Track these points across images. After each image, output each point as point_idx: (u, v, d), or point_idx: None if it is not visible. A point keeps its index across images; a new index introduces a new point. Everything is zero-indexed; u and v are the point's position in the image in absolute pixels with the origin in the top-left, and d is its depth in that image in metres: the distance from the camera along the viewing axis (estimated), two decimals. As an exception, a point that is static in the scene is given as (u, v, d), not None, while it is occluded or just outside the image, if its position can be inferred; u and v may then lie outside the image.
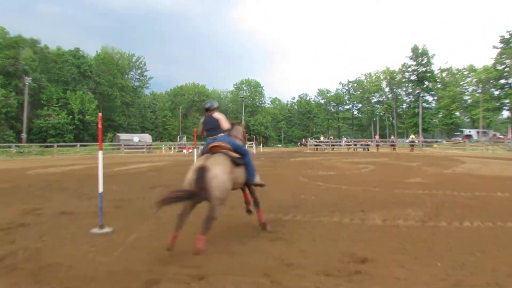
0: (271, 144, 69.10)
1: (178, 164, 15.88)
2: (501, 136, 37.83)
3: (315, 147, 33.94)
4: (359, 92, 67.43)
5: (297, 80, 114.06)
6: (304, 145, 40.58)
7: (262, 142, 28.68)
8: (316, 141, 36.52)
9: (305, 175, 9.68)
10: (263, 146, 38.55)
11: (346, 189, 6.99)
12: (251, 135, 58.34)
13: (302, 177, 9.14)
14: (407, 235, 3.73)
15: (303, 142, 45.08)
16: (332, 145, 34.83)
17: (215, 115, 4.03)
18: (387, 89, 64.60)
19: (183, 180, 3.48)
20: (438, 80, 57.04)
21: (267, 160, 17.87)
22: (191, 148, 35.94)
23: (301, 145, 46.88)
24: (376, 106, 65.86)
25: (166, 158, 21.90)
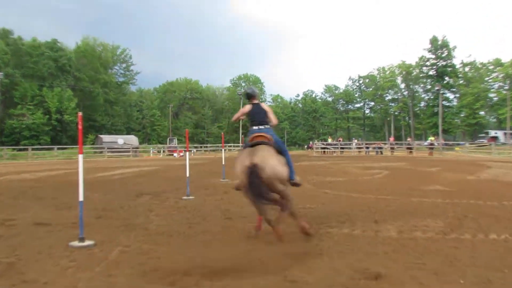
0: (272, 147, 69.08)
1: (169, 169, 15.86)
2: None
3: (322, 150, 33.97)
4: (372, 89, 67.61)
5: (302, 75, 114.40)
6: (311, 148, 40.52)
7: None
8: (324, 144, 36.56)
9: (311, 182, 9.67)
10: (264, 150, 38.23)
11: (357, 197, 6.99)
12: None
13: (308, 184, 9.13)
14: (426, 249, 3.73)
15: (310, 145, 44.88)
16: (341, 148, 34.86)
17: (264, 106, 4.44)
18: (403, 86, 64.84)
19: (235, 174, 4.03)
20: (460, 76, 57.29)
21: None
22: (183, 151, 36.04)
23: (309, 148, 46.69)
24: (391, 105, 66.02)
25: (155, 163, 21.86)
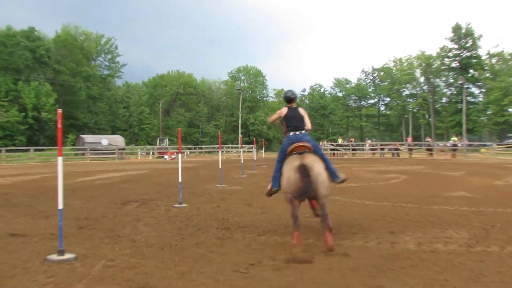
0: (276, 148, 69.05)
1: (159, 173, 15.87)
2: None
3: (332, 152, 33.98)
4: (387, 83, 67.54)
5: (309, 68, 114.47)
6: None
7: (264, 146, 28.69)
8: (333, 145, 36.56)
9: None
10: (266, 151, 38.52)
11: (371, 205, 6.99)
12: (250, 137, 58.50)
13: (315, 190, 9.11)
14: (448, 263, 3.72)
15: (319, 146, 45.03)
16: (353, 150, 34.88)
17: (301, 111, 5.03)
18: (422, 79, 64.78)
19: (285, 181, 4.38)
20: (487, 68, 57.13)
21: (271, 168, 17.82)
22: (175, 153, 36.03)
23: None
24: (408, 101, 65.96)
25: (143, 166, 21.89)
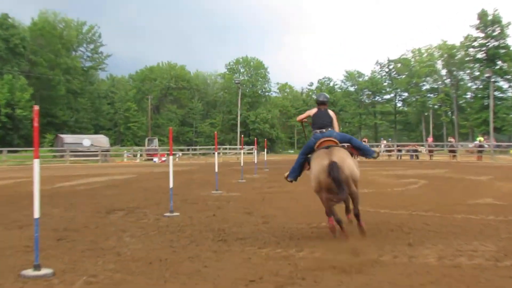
0: (280, 149, 69.15)
1: (147, 178, 15.86)
2: None
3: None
4: (405, 76, 67.62)
5: (316, 59, 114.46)
6: None
7: (267, 147, 28.71)
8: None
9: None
10: (268, 152, 38.53)
11: (386, 214, 6.99)
12: (250, 137, 58.46)
13: (323, 197, 9.10)
14: (474, 279, 3.70)
15: None
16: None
17: (330, 113, 5.73)
18: (444, 72, 64.86)
19: (315, 180, 4.98)
20: (517, 59, 57.11)
21: (274, 173, 17.79)
22: (165, 155, 35.99)
23: None
24: (429, 96, 66.04)
25: (130, 170, 21.88)
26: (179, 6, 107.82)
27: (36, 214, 4.10)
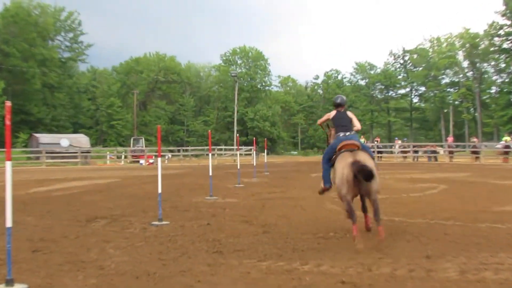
0: (281, 151, 69.26)
1: (133, 183, 15.85)
2: None
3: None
4: (422, 68, 67.70)
5: (322, 49, 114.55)
6: None
7: (267, 147, 28.71)
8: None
9: (336, 200, 9.64)
10: (269, 154, 38.52)
11: (402, 222, 7.00)
12: (248, 137, 58.54)
13: (331, 203, 9.15)
14: (500, 296, 3.71)
15: None
16: (379, 152, 34.87)
17: (349, 113, 6.55)
18: (466, 64, 64.89)
19: (338, 177, 5.65)
20: (547, 49, 57.26)
21: (275, 177, 17.80)
22: (153, 157, 36.02)
23: None
24: (449, 91, 66.12)
25: (113, 173, 21.86)
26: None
27: (9, 223, 4.09)
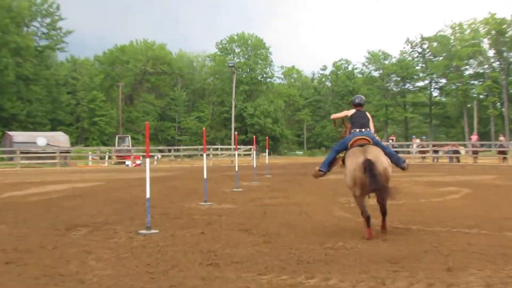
0: (285, 150, 69.27)
1: (118, 186, 15.86)
2: None
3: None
4: (442, 58, 67.62)
5: (330, 37, 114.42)
6: None
7: (268, 147, 28.70)
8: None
9: (346, 206, 9.71)
10: (271, 154, 38.39)
11: (420, 231, 7.01)
12: (248, 135, 58.56)
13: (339, 209, 9.19)
14: (529, 314, 3.71)
15: None
16: (395, 152, 34.84)
17: (368, 114, 7.28)
18: (492, 53, 64.84)
19: (349, 177, 6.40)
20: None
21: (278, 180, 17.81)
22: (141, 158, 36.00)
23: None
24: (472, 83, 66.04)
25: (96, 176, 21.88)
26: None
27: (-22, 232, 4.10)
